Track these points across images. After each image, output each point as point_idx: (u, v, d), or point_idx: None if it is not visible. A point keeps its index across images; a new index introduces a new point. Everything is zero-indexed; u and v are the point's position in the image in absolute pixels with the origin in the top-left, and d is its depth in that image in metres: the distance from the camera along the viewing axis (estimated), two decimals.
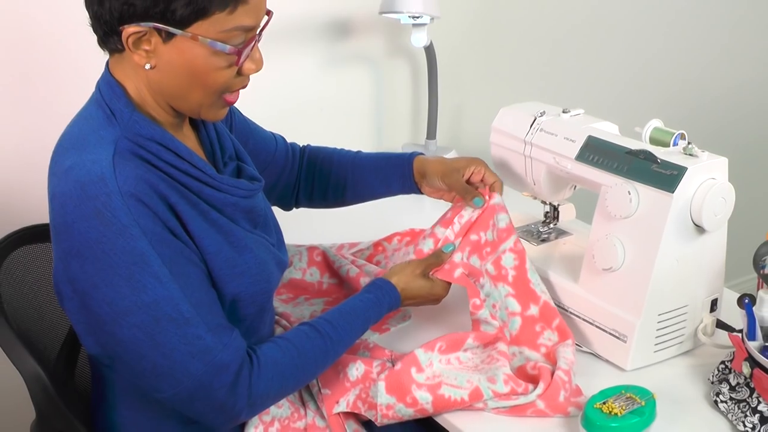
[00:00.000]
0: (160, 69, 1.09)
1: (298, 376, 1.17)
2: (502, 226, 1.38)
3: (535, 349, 1.34)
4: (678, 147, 1.31)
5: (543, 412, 1.21)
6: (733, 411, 1.18)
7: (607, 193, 1.32)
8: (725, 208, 1.27)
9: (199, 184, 1.12)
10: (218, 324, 1.09)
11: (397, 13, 1.81)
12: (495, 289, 1.38)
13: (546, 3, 2.30)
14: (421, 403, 1.21)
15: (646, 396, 1.16)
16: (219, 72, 1.09)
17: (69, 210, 1.04)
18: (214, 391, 1.07)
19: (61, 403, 1.14)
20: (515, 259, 1.38)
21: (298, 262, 1.50)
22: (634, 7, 2.47)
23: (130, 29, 1.05)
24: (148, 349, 1.05)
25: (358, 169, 1.50)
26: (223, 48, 1.07)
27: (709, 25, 2.67)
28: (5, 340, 1.15)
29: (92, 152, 1.06)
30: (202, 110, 1.14)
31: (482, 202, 1.38)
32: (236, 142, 1.29)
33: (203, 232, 1.11)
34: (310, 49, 1.97)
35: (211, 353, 1.06)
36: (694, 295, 1.33)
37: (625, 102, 2.52)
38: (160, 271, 1.04)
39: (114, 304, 1.04)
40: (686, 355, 1.35)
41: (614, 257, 1.30)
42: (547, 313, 1.35)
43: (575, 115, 1.46)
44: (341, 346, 1.22)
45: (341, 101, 2.06)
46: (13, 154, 1.66)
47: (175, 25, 1.04)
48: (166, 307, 1.04)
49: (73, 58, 1.64)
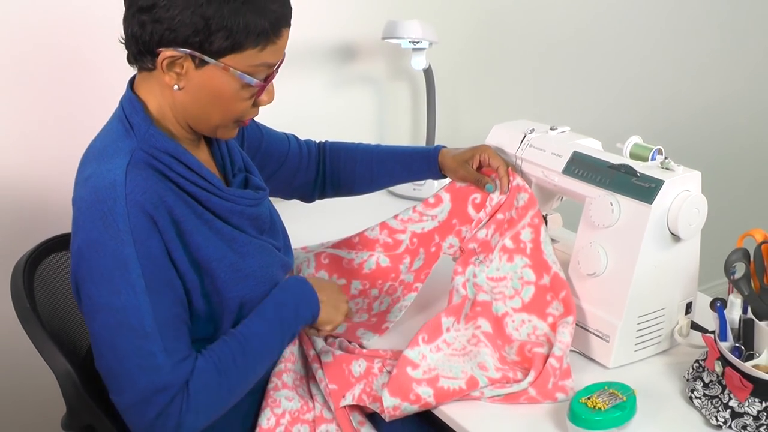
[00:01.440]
0: (188, 91, 1.09)
1: (225, 398, 1.10)
2: (521, 204, 1.39)
3: (543, 318, 1.33)
4: (656, 161, 1.31)
5: (534, 399, 1.21)
6: (707, 406, 1.17)
7: (591, 204, 1.31)
8: (699, 218, 1.27)
9: (206, 194, 1.12)
10: (175, 347, 1.05)
11: (398, 38, 1.81)
12: (509, 263, 1.37)
13: (535, 30, 2.30)
14: (424, 398, 1.20)
15: (628, 392, 1.16)
16: (240, 102, 1.11)
17: (82, 212, 1.05)
18: (148, 409, 1.03)
19: (89, 398, 1.13)
20: (532, 233, 1.37)
21: (306, 269, 1.48)
22: (615, 33, 2.48)
23: (167, 53, 1.05)
24: (106, 350, 1.05)
25: (385, 166, 1.49)
26: (251, 81, 1.08)
27: (685, 51, 2.68)
28: (39, 340, 1.14)
29: (109, 162, 1.07)
30: (218, 131, 1.15)
31: (493, 188, 1.40)
32: (245, 156, 1.29)
33: (207, 241, 1.11)
34: (318, 71, 1.97)
35: (157, 372, 1.03)
36: (671, 298, 1.32)
37: (607, 120, 2.52)
38: (137, 282, 1.03)
39: (92, 300, 1.04)
40: (664, 354, 1.34)
41: (597, 263, 1.29)
42: (556, 284, 1.34)
43: (562, 132, 1.46)
44: (256, 340, 1.13)
45: (346, 119, 2.05)
46: (46, 170, 1.66)
47: (211, 55, 1.05)
48: (131, 316, 1.03)
49: (99, 79, 1.65)
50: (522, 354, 1.29)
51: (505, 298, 1.36)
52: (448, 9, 2.11)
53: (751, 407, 1.12)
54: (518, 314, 1.34)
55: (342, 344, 1.35)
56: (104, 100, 1.30)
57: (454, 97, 2.21)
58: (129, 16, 1.07)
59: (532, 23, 2.29)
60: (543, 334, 1.31)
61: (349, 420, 1.23)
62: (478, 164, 1.43)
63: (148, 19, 1.04)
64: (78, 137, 1.26)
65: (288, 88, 1.91)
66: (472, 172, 1.42)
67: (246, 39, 1.04)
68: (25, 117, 1.63)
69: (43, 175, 1.66)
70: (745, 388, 1.12)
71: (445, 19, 2.09)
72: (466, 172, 1.42)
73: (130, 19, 1.07)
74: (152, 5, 1.03)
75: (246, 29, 1.04)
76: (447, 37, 2.05)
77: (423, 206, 1.46)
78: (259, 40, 1.05)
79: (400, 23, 1.80)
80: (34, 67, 1.61)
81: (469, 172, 1.42)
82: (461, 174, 1.43)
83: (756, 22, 2.82)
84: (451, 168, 1.44)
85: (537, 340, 1.30)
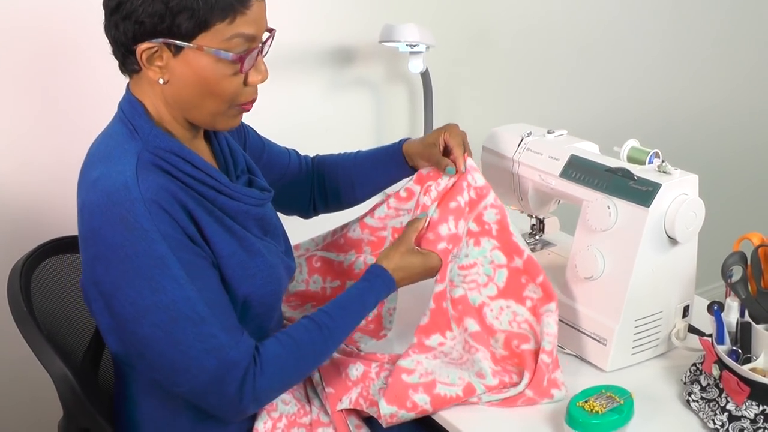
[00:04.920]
0: (173, 83, 1.09)
1: (299, 367, 1.16)
2: (480, 184, 1.34)
3: (521, 303, 1.31)
4: (653, 165, 1.31)
5: (532, 400, 1.21)
6: (704, 410, 1.17)
7: (588, 208, 1.31)
8: (696, 221, 1.27)
9: (214, 193, 1.12)
10: (231, 324, 1.09)
11: (395, 42, 1.81)
12: (476, 248, 1.34)
13: (531, 33, 2.31)
14: (420, 405, 1.20)
15: (625, 395, 1.16)
16: (226, 80, 1.08)
17: (96, 217, 1.04)
18: (225, 385, 1.07)
19: (86, 402, 1.13)
20: (497, 214, 1.33)
21: (299, 275, 1.47)
22: (612, 37, 2.48)
23: (142, 47, 1.06)
24: (166, 346, 1.05)
25: (360, 168, 1.48)
26: (226, 56, 1.06)
27: (682, 54, 2.68)
28: (35, 343, 1.14)
29: (117, 164, 1.07)
30: (216, 120, 1.13)
31: (454, 171, 1.33)
32: (248, 158, 1.29)
33: (218, 237, 1.11)
34: (316, 75, 1.97)
35: (224, 350, 1.06)
36: (668, 301, 1.32)
37: (605, 123, 2.52)
38: (178, 274, 1.03)
39: (135, 304, 1.03)
40: (661, 357, 1.34)
41: (595, 267, 1.29)
42: (530, 268, 1.31)
43: (559, 136, 1.46)
44: (339, 334, 1.20)
45: (344, 122, 2.05)
46: (43, 172, 1.66)
47: (182, 39, 1.05)
48: (183, 307, 1.04)
49: (97, 83, 1.65)
50: (509, 348, 1.28)
51: (479, 287, 1.33)
52: (445, 12, 2.11)
53: (748, 410, 1.12)
54: (495, 302, 1.32)
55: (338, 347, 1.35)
56: (101, 103, 1.30)
57: (452, 101, 2.21)
58: (106, 23, 1.09)
59: (529, 27, 2.29)
60: (525, 320, 1.30)
61: (346, 424, 1.22)
62: (443, 145, 1.36)
63: (120, 18, 1.05)
64: (75, 140, 1.25)
65: (285, 91, 1.92)
66: (435, 153, 1.36)
67: (211, 15, 1.04)
68: (22, 119, 1.63)
69: (40, 179, 1.66)
70: (743, 392, 1.12)
71: (442, 22, 2.09)
72: (431, 155, 1.36)
73: (107, 25, 1.09)
74: (118, 4, 1.05)
75: (207, 5, 1.03)
76: (444, 40, 2.05)
77: (396, 201, 1.41)
78: (225, 14, 1.04)
79: (397, 27, 1.80)
80: (31, 69, 1.61)
81: (435, 155, 1.36)
82: (428, 158, 1.37)
83: (752, 26, 2.83)
84: (418, 153, 1.39)
85: (520, 329, 1.29)
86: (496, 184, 1.53)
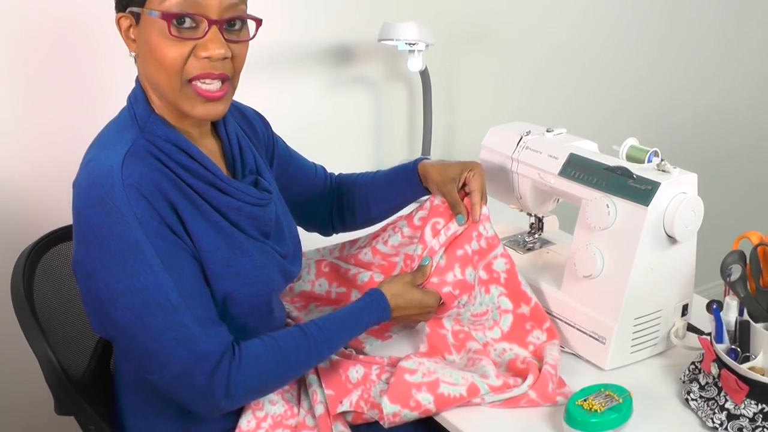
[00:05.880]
0: (140, 55, 1.11)
1: (279, 373, 1.15)
2: (491, 234, 1.36)
3: (524, 347, 1.33)
4: (652, 164, 1.31)
5: (535, 402, 1.21)
6: (703, 408, 1.17)
7: (587, 206, 1.31)
8: (695, 220, 1.27)
9: (205, 186, 1.12)
10: (206, 317, 1.08)
11: (394, 40, 1.81)
12: (487, 295, 1.36)
13: (530, 32, 2.31)
14: (424, 405, 1.19)
15: (624, 394, 1.16)
16: (166, 45, 1.06)
17: (80, 198, 1.06)
18: (194, 377, 1.06)
19: (70, 386, 1.15)
20: (506, 264, 1.35)
21: (307, 275, 1.48)
22: (611, 36, 2.48)
23: (117, 17, 1.10)
24: (137, 331, 1.05)
25: (376, 187, 1.48)
26: (155, 14, 1.05)
27: (681, 53, 2.68)
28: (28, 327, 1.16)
29: (110, 149, 1.08)
30: (178, 101, 1.10)
31: (463, 221, 1.34)
32: (259, 159, 1.28)
33: (202, 231, 1.11)
34: (314, 73, 1.97)
35: (195, 342, 1.06)
36: (667, 300, 1.32)
37: (604, 122, 2.52)
38: (153, 260, 1.04)
39: (110, 286, 1.04)
40: (660, 356, 1.34)
41: (594, 265, 1.29)
42: (537, 315, 1.34)
43: (558, 134, 1.46)
44: (325, 347, 1.20)
45: (343, 121, 2.05)
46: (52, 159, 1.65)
47: (135, 5, 1.08)
48: (155, 293, 1.04)
49: (103, 73, 1.66)
50: (514, 368, 1.29)
51: (484, 329, 1.36)
52: (444, 10, 2.11)
53: (747, 409, 1.12)
54: (499, 344, 1.34)
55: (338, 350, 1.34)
56: (108, 95, 1.31)
57: (451, 99, 2.21)
58: None
59: (528, 25, 2.29)
60: (525, 359, 1.31)
61: (330, 429, 1.21)
62: (463, 182, 1.36)
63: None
64: (84, 130, 1.25)
65: (284, 89, 1.92)
66: (453, 193, 1.35)
67: None
68: (30, 110, 1.63)
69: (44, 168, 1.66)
70: (741, 390, 1.12)
71: (441, 20, 2.09)
72: (448, 191, 1.36)
73: None
74: None
75: None
76: (443, 38, 2.05)
77: (410, 230, 1.42)
78: None
79: (396, 25, 1.80)
80: (37, 61, 1.61)
81: (451, 193, 1.35)
82: (444, 191, 1.37)
83: (752, 26, 2.83)
84: (437, 181, 1.38)
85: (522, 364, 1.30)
86: (495, 182, 1.53)
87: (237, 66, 1.12)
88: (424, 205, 1.41)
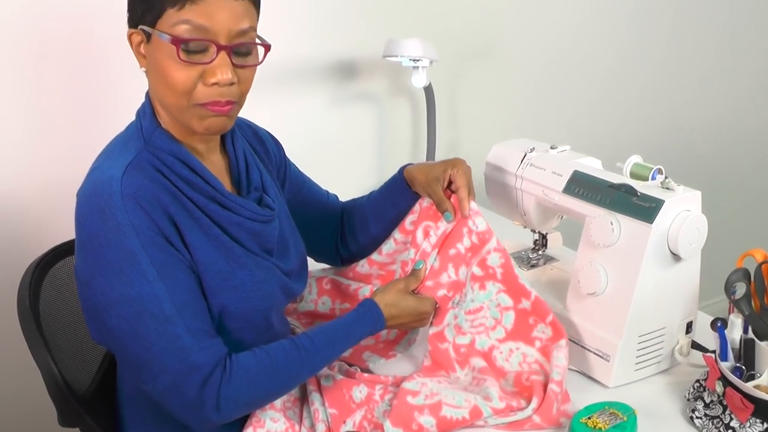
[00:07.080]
0: (149, 72, 1.12)
1: (270, 385, 1.14)
2: (482, 229, 1.33)
3: (530, 344, 1.31)
4: (656, 181, 1.31)
5: (539, 426, 1.20)
6: (708, 427, 1.17)
7: (591, 223, 1.32)
8: (699, 237, 1.27)
9: (205, 200, 1.13)
10: (200, 328, 1.08)
11: (399, 56, 1.82)
12: (482, 292, 1.34)
13: (534, 48, 2.32)
14: (426, 428, 1.18)
15: (628, 412, 1.15)
16: (174, 68, 1.07)
17: (81, 206, 1.07)
18: (185, 388, 1.06)
19: (70, 397, 1.15)
20: (501, 257, 1.33)
21: (309, 295, 1.47)
22: (615, 53, 2.49)
23: (128, 32, 1.12)
24: (130, 340, 1.05)
25: (372, 205, 1.48)
26: (166, 37, 1.06)
27: (684, 70, 2.69)
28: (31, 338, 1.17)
29: (114, 159, 1.10)
30: (184, 118, 1.11)
31: (451, 218, 1.33)
32: (266, 177, 1.28)
33: (200, 243, 1.11)
34: (319, 89, 1.98)
35: (186, 353, 1.05)
36: (671, 317, 1.32)
37: (607, 139, 2.52)
38: (148, 270, 1.04)
39: (105, 294, 1.05)
40: (664, 373, 1.34)
41: (598, 282, 1.29)
42: (539, 309, 1.32)
43: (562, 151, 1.47)
44: (318, 359, 1.18)
45: (348, 136, 2.06)
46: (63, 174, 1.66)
47: (146, 24, 1.08)
48: (149, 303, 1.04)
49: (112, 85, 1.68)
50: (519, 384, 1.28)
51: (487, 330, 1.34)
52: (448, 27, 2.12)
53: (752, 428, 1.12)
54: (504, 344, 1.33)
55: (342, 368, 1.33)
56: (119, 111, 1.31)
57: (454, 115, 2.22)
58: None
59: (531, 42, 2.30)
60: (535, 361, 1.30)
61: None
62: (447, 181, 1.35)
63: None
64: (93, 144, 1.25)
65: (289, 105, 1.93)
66: (437, 191, 1.34)
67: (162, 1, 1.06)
68: (41, 126, 1.64)
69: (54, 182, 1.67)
70: (746, 409, 1.12)
71: (445, 36, 2.10)
72: (433, 191, 1.35)
73: None
74: None
75: None
76: (447, 55, 2.06)
77: (403, 236, 1.41)
78: (175, 1, 1.05)
79: (400, 42, 1.81)
80: (48, 78, 1.62)
81: (436, 192, 1.34)
82: (429, 192, 1.36)
83: (754, 41, 2.84)
84: (422, 182, 1.37)
85: (531, 369, 1.29)
86: (499, 199, 1.54)
87: (243, 89, 1.12)
88: (413, 209, 1.40)
